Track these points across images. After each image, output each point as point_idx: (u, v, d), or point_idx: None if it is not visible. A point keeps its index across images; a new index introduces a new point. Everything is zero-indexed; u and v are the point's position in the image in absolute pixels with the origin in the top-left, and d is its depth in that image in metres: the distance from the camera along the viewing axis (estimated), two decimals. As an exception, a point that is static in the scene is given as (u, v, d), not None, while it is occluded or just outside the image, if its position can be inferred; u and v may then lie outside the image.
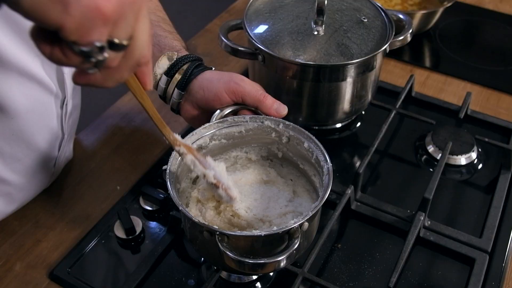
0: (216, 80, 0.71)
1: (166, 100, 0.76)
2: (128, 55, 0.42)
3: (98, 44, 0.38)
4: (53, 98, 0.68)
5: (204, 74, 0.73)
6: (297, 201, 0.68)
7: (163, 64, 0.73)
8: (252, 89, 0.71)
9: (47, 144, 0.71)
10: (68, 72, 0.70)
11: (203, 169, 0.61)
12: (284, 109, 0.71)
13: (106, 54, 0.40)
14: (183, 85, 0.73)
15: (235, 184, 0.68)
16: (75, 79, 0.43)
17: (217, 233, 0.55)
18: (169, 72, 0.73)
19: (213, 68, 0.76)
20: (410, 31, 0.86)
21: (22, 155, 0.69)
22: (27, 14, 0.36)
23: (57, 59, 0.39)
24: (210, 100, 0.71)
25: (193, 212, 0.66)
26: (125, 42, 0.41)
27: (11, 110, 0.63)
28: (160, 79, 0.74)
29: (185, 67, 0.73)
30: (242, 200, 0.66)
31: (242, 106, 0.72)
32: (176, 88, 0.73)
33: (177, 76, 0.73)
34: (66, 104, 0.72)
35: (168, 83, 0.73)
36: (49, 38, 0.38)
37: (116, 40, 0.40)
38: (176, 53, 0.74)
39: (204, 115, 0.73)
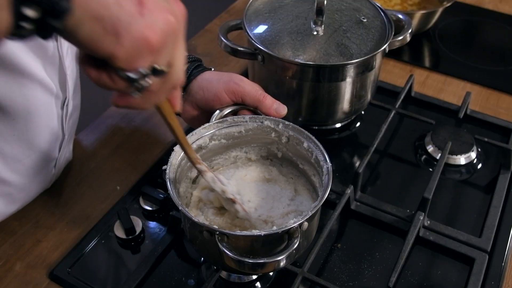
0: (216, 81, 0.71)
1: (165, 100, 0.76)
2: (166, 79, 0.45)
3: (143, 70, 0.41)
4: (54, 98, 0.68)
5: (204, 75, 0.73)
6: (298, 200, 0.68)
7: None
8: (251, 89, 0.71)
9: (47, 144, 0.72)
10: (70, 73, 0.70)
11: (222, 186, 0.63)
12: (283, 109, 0.71)
13: (149, 80, 0.43)
14: (183, 85, 0.73)
15: (243, 182, 0.69)
16: (116, 102, 0.45)
17: (217, 232, 0.55)
18: None
19: (213, 69, 0.76)
20: (410, 31, 0.86)
21: (23, 155, 0.69)
22: (81, 45, 0.39)
23: (104, 83, 0.42)
24: (210, 101, 0.71)
25: (194, 211, 0.66)
26: (165, 69, 0.43)
27: (12, 111, 0.63)
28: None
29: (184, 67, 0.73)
30: (251, 200, 0.66)
31: (241, 106, 0.72)
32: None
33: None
34: (67, 105, 0.72)
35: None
36: (96, 64, 0.41)
37: (158, 67, 0.43)
38: (175, 53, 0.74)
39: (204, 116, 0.73)
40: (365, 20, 0.83)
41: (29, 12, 0.35)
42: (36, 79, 0.63)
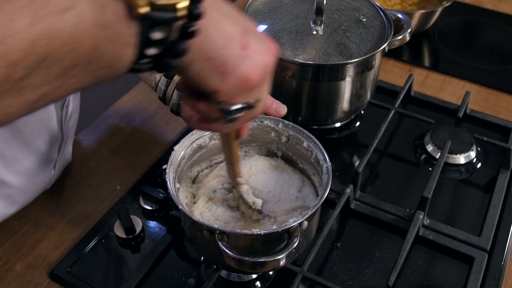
0: (216, 80, 0.71)
1: (165, 101, 0.76)
2: (250, 112, 0.48)
3: (239, 105, 0.45)
4: (53, 99, 0.68)
5: (204, 75, 0.73)
6: (305, 192, 0.67)
7: None
8: (251, 89, 0.71)
9: (47, 146, 0.72)
10: None
11: (254, 198, 0.65)
12: (283, 109, 0.71)
13: (241, 113, 0.46)
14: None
15: (249, 178, 0.69)
16: (197, 126, 0.49)
17: (217, 232, 0.55)
18: (169, 73, 0.73)
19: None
20: (409, 30, 0.87)
21: (22, 157, 0.69)
22: (189, 79, 0.43)
23: (201, 111, 0.46)
24: (210, 101, 0.71)
25: (201, 209, 0.66)
26: (254, 104, 0.47)
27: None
28: (159, 80, 0.74)
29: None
30: (259, 195, 0.67)
31: (241, 106, 0.72)
32: (175, 90, 0.73)
33: (177, 77, 0.73)
34: (67, 106, 0.72)
35: (167, 85, 0.73)
36: (195, 93, 0.45)
37: (249, 101, 0.46)
38: (176, 53, 0.75)
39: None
40: (364, 20, 0.83)
41: (151, 51, 0.37)
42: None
